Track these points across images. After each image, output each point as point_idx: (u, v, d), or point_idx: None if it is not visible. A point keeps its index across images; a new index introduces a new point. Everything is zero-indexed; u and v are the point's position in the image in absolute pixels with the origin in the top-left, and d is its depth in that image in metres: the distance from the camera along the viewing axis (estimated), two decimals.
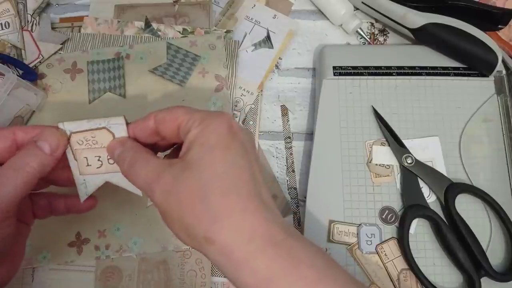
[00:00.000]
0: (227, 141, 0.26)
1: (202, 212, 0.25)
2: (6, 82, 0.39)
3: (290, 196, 0.43)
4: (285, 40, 0.47)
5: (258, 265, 0.24)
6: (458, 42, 0.41)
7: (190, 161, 0.26)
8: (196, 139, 0.26)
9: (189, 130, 0.27)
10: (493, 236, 0.38)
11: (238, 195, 0.25)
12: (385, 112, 0.41)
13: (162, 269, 0.39)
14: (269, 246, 0.24)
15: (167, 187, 0.26)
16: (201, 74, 0.44)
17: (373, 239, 0.38)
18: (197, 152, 0.26)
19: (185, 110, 0.28)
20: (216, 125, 0.26)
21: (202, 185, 0.25)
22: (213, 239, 0.24)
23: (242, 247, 0.24)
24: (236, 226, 0.24)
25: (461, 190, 0.38)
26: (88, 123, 0.30)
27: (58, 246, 0.40)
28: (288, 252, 0.24)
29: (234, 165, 0.26)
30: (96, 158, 0.30)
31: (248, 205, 0.25)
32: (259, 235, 0.24)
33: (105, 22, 0.46)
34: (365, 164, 0.40)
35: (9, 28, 0.45)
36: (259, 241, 0.24)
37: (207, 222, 0.24)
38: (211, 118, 0.27)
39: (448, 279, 0.37)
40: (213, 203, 0.24)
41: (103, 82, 0.44)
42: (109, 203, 0.40)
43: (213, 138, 0.26)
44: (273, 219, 0.25)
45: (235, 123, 0.28)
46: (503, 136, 0.41)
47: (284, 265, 0.24)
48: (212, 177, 0.25)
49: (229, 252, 0.24)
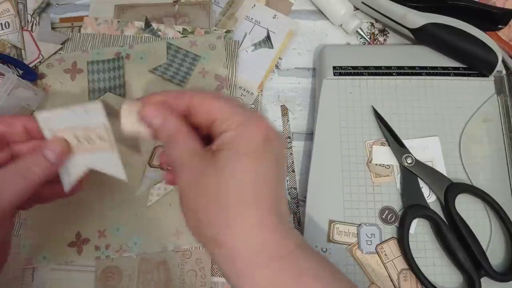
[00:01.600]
0: (260, 152, 0.26)
1: (215, 214, 0.25)
2: (6, 82, 0.39)
3: (290, 196, 0.42)
4: (285, 40, 0.47)
5: (261, 277, 0.24)
6: (458, 42, 0.41)
7: (220, 162, 0.25)
8: (230, 143, 0.26)
9: (225, 130, 0.26)
10: (493, 236, 0.38)
11: (257, 207, 0.25)
12: (385, 112, 0.41)
13: (162, 269, 0.39)
14: (275, 259, 0.24)
15: (194, 176, 0.25)
16: (201, 74, 0.44)
17: (373, 239, 0.38)
18: (228, 156, 0.25)
19: (224, 106, 0.27)
20: (253, 132, 0.26)
21: (225, 189, 0.25)
22: (222, 243, 0.24)
23: (249, 257, 0.24)
24: (247, 236, 0.24)
25: (461, 190, 0.38)
26: (64, 110, 0.29)
27: (58, 246, 0.40)
28: (293, 264, 0.24)
29: (261, 177, 0.25)
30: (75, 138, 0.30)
31: (265, 219, 0.25)
32: (268, 249, 0.24)
33: (105, 22, 0.46)
34: (365, 164, 0.40)
35: (9, 28, 0.45)
36: (266, 255, 0.24)
37: (218, 224, 0.25)
38: (248, 123, 0.26)
39: (448, 279, 0.37)
40: (230, 209, 0.24)
41: (103, 82, 0.44)
42: (109, 203, 0.40)
43: (246, 146, 0.26)
44: (286, 232, 0.25)
45: (272, 131, 0.27)
46: (503, 136, 0.41)
47: (287, 278, 0.24)
48: (236, 185, 0.25)
49: (234, 259, 0.24)
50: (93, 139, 0.30)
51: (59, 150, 0.30)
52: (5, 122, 0.30)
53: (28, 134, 0.31)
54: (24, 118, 0.31)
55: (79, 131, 0.30)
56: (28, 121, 0.31)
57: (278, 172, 0.26)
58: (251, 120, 0.26)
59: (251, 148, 0.26)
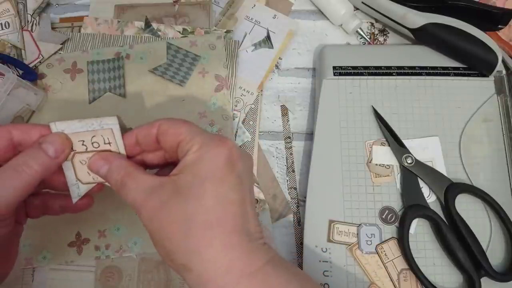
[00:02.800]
0: (222, 174, 0.26)
1: (181, 242, 0.25)
2: (6, 82, 0.39)
3: (290, 196, 0.43)
4: (285, 40, 0.47)
5: None
6: (458, 42, 0.41)
7: (180, 187, 0.26)
8: (191, 165, 0.26)
9: (187, 152, 0.27)
10: (493, 236, 0.38)
11: (222, 229, 0.25)
12: (385, 112, 0.41)
13: (162, 269, 0.39)
14: (244, 277, 0.25)
15: (152, 212, 0.26)
16: (201, 74, 0.44)
17: (373, 239, 0.38)
18: (189, 180, 0.26)
19: (188, 128, 0.27)
20: (214, 155, 0.26)
21: (187, 216, 0.25)
22: (190, 268, 0.25)
23: (218, 278, 0.25)
24: (214, 258, 0.25)
25: (461, 190, 0.38)
26: (79, 123, 0.29)
27: (58, 246, 0.40)
28: (262, 282, 0.25)
29: (224, 200, 0.26)
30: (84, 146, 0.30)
31: (230, 240, 0.25)
32: (236, 268, 0.25)
33: (105, 22, 0.46)
34: (365, 164, 0.40)
35: (9, 28, 0.45)
36: (235, 274, 0.25)
37: (185, 251, 0.25)
38: (211, 145, 0.26)
39: (448, 279, 0.37)
40: (194, 235, 0.25)
41: (103, 82, 0.44)
42: (109, 203, 0.40)
43: (208, 168, 0.26)
44: (255, 250, 0.26)
45: (236, 151, 0.27)
46: (503, 136, 0.41)
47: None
48: (198, 210, 0.25)
49: (204, 282, 0.25)
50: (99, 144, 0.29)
51: (59, 143, 0.28)
52: (22, 129, 0.29)
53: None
54: (41, 126, 0.29)
55: (88, 137, 0.29)
56: (45, 130, 0.29)
57: (243, 191, 0.26)
58: (214, 141, 0.27)
59: (212, 170, 0.26)
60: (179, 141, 0.27)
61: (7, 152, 0.29)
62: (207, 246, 0.25)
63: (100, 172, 0.29)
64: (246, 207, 0.27)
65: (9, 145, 0.29)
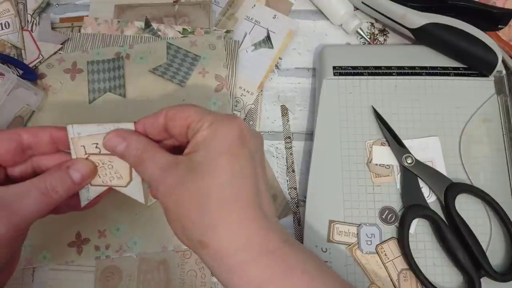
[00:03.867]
0: (235, 149, 0.26)
1: (198, 218, 0.25)
2: (6, 82, 0.39)
3: (290, 196, 0.43)
4: (285, 40, 0.47)
5: (250, 272, 0.24)
6: (458, 42, 0.41)
7: (195, 164, 0.26)
8: (204, 142, 0.26)
9: (198, 131, 0.26)
10: (493, 236, 0.38)
11: (238, 204, 0.25)
12: (385, 112, 0.41)
13: (162, 269, 0.39)
14: (263, 255, 0.24)
15: (170, 188, 0.26)
16: (201, 74, 0.44)
17: (373, 239, 0.38)
18: (203, 156, 0.26)
19: (197, 109, 0.28)
20: (226, 130, 0.26)
21: (203, 192, 0.25)
22: (207, 243, 0.25)
23: (236, 254, 0.24)
24: (231, 233, 0.25)
25: (461, 190, 0.38)
26: (97, 127, 0.29)
27: (58, 246, 0.40)
28: (282, 260, 0.25)
29: (239, 174, 0.25)
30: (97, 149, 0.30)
31: (247, 215, 0.25)
32: (254, 244, 0.24)
33: (105, 22, 0.46)
34: (365, 164, 0.40)
35: (9, 28, 0.45)
36: (253, 250, 0.24)
37: (202, 227, 0.25)
38: (222, 121, 0.26)
39: (448, 279, 0.37)
40: (210, 211, 0.25)
41: (103, 82, 0.44)
42: (109, 203, 0.40)
43: (221, 144, 0.26)
44: (271, 227, 0.25)
45: (246, 128, 0.27)
46: (503, 136, 0.41)
47: (276, 272, 0.24)
48: (214, 185, 0.25)
49: (222, 257, 0.25)
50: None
51: (85, 170, 0.29)
52: (32, 132, 0.29)
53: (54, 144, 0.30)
54: (51, 128, 0.29)
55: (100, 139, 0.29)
56: (55, 131, 0.29)
57: (256, 167, 0.26)
58: (224, 118, 0.27)
59: (225, 146, 0.26)
60: (189, 123, 0.27)
61: (16, 155, 0.29)
62: (224, 221, 0.25)
63: (117, 149, 0.28)
64: (259, 184, 0.26)
65: (18, 147, 0.29)
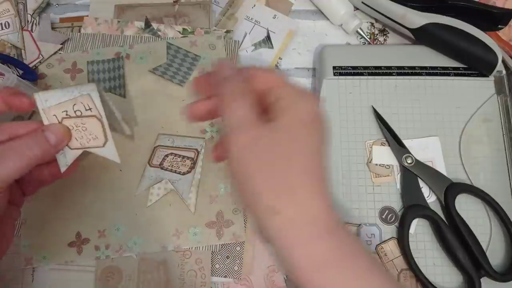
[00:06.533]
0: (315, 123, 0.26)
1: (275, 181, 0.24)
2: (6, 82, 0.39)
3: None
4: (285, 40, 0.47)
5: (314, 249, 0.24)
6: (458, 42, 0.41)
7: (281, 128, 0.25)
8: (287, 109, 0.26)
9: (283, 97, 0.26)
10: (493, 236, 0.38)
11: (316, 176, 0.25)
12: (385, 112, 0.41)
13: (162, 269, 0.39)
14: (327, 233, 0.24)
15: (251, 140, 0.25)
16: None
17: (373, 239, 0.38)
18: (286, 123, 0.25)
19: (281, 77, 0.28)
20: (308, 105, 0.26)
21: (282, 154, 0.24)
22: (279, 210, 0.24)
23: (304, 227, 0.24)
24: (305, 204, 0.24)
25: (461, 190, 0.38)
26: (61, 91, 0.31)
27: (58, 246, 0.40)
28: (339, 241, 0.24)
29: (315, 148, 0.25)
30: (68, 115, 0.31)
31: (319, 189, 0.25)
32: (321, 220, 0.24)
33: (105, 22, 0.46)
34: (365, 164, 0.40)
35: (9, 28, 0.45)
36: (319, 226, 0.24)
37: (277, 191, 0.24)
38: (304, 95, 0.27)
39: (448, 279, 0.37)
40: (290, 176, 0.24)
41: (103, 82, 0.44)
42: (109, 203, 0.40)
43: (303, 116, 0.26)
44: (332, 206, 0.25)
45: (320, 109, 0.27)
46: (503, 136, 0.41)
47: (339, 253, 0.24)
48: (297, 152, 0.25)
49: (290, 228, 0.24)
50: (81, 112, 0.31)
51: (61, 132, 0.30)
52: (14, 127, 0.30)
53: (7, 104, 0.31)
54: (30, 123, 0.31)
55: (70, 106, 0.31)
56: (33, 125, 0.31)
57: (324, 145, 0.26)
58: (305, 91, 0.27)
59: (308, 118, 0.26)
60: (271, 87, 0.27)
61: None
62: (302, 189, 0.24)
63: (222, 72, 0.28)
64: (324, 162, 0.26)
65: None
